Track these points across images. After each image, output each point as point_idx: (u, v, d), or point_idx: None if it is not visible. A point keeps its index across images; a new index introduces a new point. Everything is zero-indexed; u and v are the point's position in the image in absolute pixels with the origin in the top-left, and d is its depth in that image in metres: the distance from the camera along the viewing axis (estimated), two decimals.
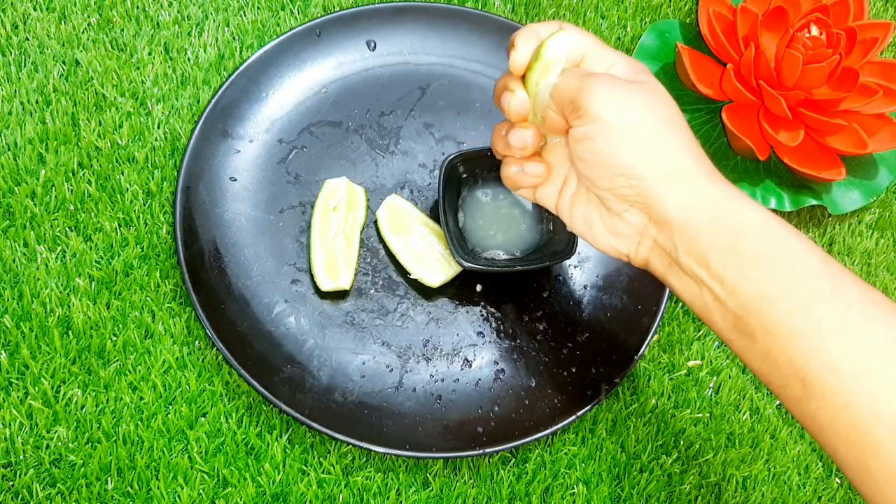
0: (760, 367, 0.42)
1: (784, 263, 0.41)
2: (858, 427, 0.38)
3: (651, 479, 0.60)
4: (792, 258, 0.41)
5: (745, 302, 0.41)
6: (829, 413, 0.39)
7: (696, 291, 0.43)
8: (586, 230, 0.49)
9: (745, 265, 0.41)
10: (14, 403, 0.56)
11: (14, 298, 0.58)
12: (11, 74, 0.65)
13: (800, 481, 0.61)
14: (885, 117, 0.67)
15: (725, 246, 0.42)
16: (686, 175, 0.43)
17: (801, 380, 0.40)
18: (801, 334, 0.39)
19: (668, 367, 0.63)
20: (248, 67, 0.65)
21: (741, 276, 0.41)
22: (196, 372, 0.58)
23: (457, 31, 0.69)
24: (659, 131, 0.44)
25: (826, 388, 0.39)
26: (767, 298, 0.40)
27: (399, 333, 0.61)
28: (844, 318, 0.39)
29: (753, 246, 0.41)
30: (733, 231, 0.42)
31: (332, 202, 0.62)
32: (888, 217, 0.71)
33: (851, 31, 0.66)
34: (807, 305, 0.40)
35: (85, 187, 0.62)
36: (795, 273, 0.40)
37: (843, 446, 0.39)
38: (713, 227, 0.42)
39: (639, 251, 0.46)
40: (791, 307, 0.40)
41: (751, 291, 0.41)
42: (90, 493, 0.55)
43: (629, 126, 0.44)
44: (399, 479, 0.58)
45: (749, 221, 0.42)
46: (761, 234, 0.42)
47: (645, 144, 0.44)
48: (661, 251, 0.45)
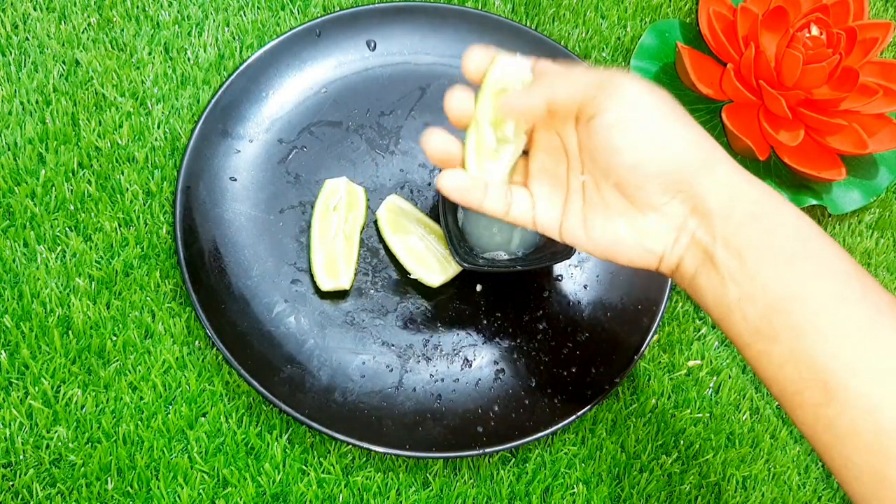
0: (778, 371, 0.41)
1: (816, 264, 0.41)
2: (880, 433, 0.37)
3: (651, 479, 0.60)
4: (824, 260, 0.41)
5: (774, 300, 0.40)
6: (850, 418, 0.38)
7: (722, 291, 0.42)
8: (611, 243, 0.45)
9: (779, 263, 0.41)
10: (14, 403, 0.56)
11: (14, 298, 0.58)
12: (11, 74, 0.65)
13: (800, 481, 0.61)
14: (885, 117, 0.67)
15: (762, 242, 0.41)
16: (721, 166, 0.42)
17: (822, 382, 0.39)
18: (828, 334, 0.39)
19: (668, 367, 0.63)
20: (248, 67, 0.65)
21: (774, 273, 0.41)
22: (196, 372, 0.58)
23: (457, 31, 0.69)
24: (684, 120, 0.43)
25: (849, 392, 0.38)
26: (797, 297, 0.40)
27: (399, 333, 0.61)
28: (873, 321, 0.39)
29: (788, 244, 0.41)
30: (771, 228, 0.41)
31: (332, 202, 0.62)
32: (888, 217, 0.71)
33: (851, 31, 0.66)
34: (836, 306, 0.39)
35: (85, 187, 0.62)
36: (827, 274, 0.40)
37: (859, 454, 0.38)
38: (753, 223, 0.41)
39: (674, 249, 0.44)
40: (818, 306, 0.39)
41: (781, 290, 0.40)
42: (90, 493, 0.55)
43: (663, 111, 0.42)
44: (399, 479, 0.58)
45: (785, 220, 0.42)
46: (796, 233, 0.41)
47: (683, 131, 0.42)
48: (698, 247, 0.43)
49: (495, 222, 0.63)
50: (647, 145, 0.42)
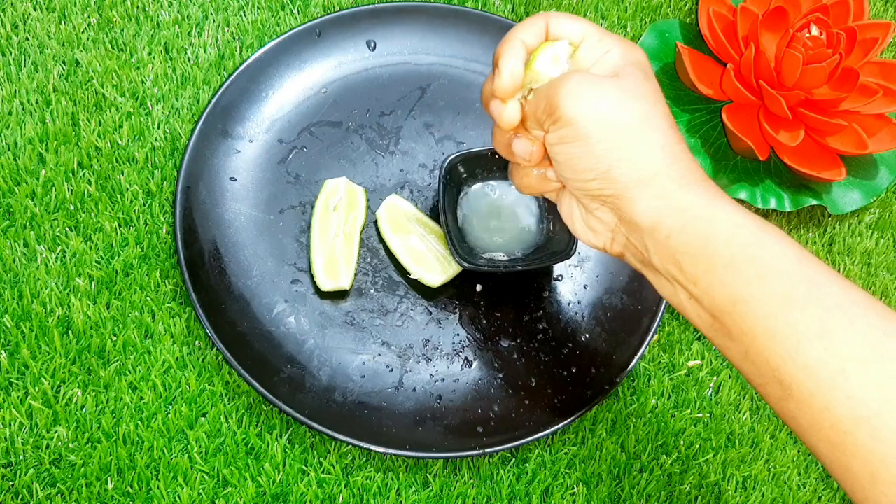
0: (741, 365, 0.42)
1: (757, 266, 0.40)
2: (838, 429, 0.38)
3: (651, 479, 0.60)
4: (766, 260, 0.40)
5: (719, 304, 0.41)
6: (809, 415, 0.39)
7: (671, 290, 0.43)
8: (568, 221, 0.49)
9: (718, 268, 0.41)
10: (14, 403, 0.56)
11: (14, 298, 0.58)
12: (11, 74, 0.65)
13: (800, 481, 0.61)
14: (885, 117, 0.67)
15: (696, 250, 0.41)
16: (657, 178, 0.43)
17: (778, 381, 0.39)
18: (778, 337, 0.39)
19: (668, 367, 0.63)
20: (248, 67, 0.65)
21: (714, 279, 0.41)
22: (196, 372, 0.58)
23: (457, 31, 0.69)
24: (633, 132, 0.43)
25: (804, 391, 0.39)
26: (742, 301, 0.40)
27: (399, 333, 0.61)
28: (822, 321, 0.39)
29: (725, 249, 0.41)
30: (704, 235, 0.41)
31: (332, 202, 0.62)
32: (888, 217, 0.71)
33: (851, 31, 0.66)
34: (782, 309, 0.39)
35: (85, 187, 0.62)
36: (769, 276, 0.40)
37: (823, 447, 0.39)
38: (683, 232, 0.42)
39: (613, 246, 0.47)
40: (766, 310, 0.39)
41: (724, 295, 0.41)
42: (90, 493, 0.55)
43: (601, 129, 0.43)
44: (399, 479, 0.58)
45: (721, 224, 0.41)
46: (733, 236, 0.41)
47: (617, 148, 0.43)
48: (634, 250, 0.45)
49: (495, 223, 0.63)
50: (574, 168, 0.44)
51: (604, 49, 0.46)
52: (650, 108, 0.44)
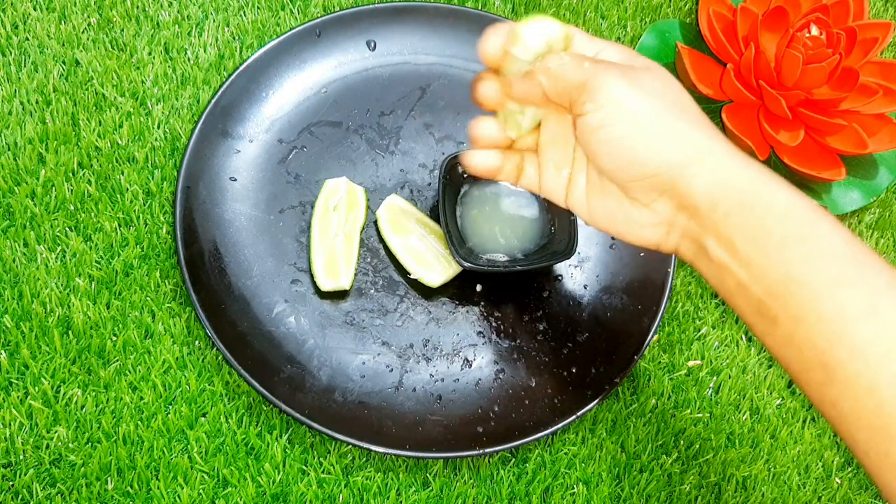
0: (782, 351, 0.41)
1: (809, 246, 0.40)
2: (881, 412, 0.38)
3: (651, 479, 0.60)
4: (817, 241, 0.40)
5: (769, 285, 0.41)
6: (851, 398, 0.38)
7: (720, 278, 0.43)
8: (610, 224, 0.47)
9: (771, 248, 0.40)
10: (14, 403, 0.56)
11: (14, 298, 0.58)
12: (11, 74, 0.65)
13: (800, 481, 0.61)
14: (885, 117, 0.67)
15: (751, 229, 0.41)
16: (712, 158, 0.42)
17: (823, 364, 0.39)
18: (826, 318, 0.39)
19: (668, 367, 0.63)
20: (248, 67, 0.65)
21: (766, 259, 0.41)
22: (196, 372, 0.58)
23: (457, 31, 0.69)
24: (677, 115, 0.43)
25: (849, 373, 0.38)
26: (792, 281, 0.40)
27: (399, 333, 0.61)
28: (870, 302, 0.39)
29: (779, 228, 0.41)
30: (759, 214, 0.41)
31: (332, 202, 0.62)
32: (888, 217, 0.71)
33: (851, 31, 0.66)
34: (832, 289, 0.39)
35: (85, 187, 0.62)
36: (821, 256, 0.40)
37: (863, 433, 0.39)
38: (740, 211, 0.41)
39: (668, 240, 0.45)
40: (816, 291, 0.39)
41: (776, 275, 0.40)
42: (90, 493, 0.55)
43: (648, 111, 0.42)
44: (399, 479, 0.58)
45: (775, 203, 0.41)
46: (787, 215, 0.41)
47: (663, 128, 0.42)
48: (690, 239, 0.44)
49: (496, 223, 0.63)
50: (625, 151, 0.42)
51: (596, 49, 0.46)
52: (685, 96, 0.44)
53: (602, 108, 0.42)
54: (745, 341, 0.65)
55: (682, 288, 0.66)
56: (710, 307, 0.65)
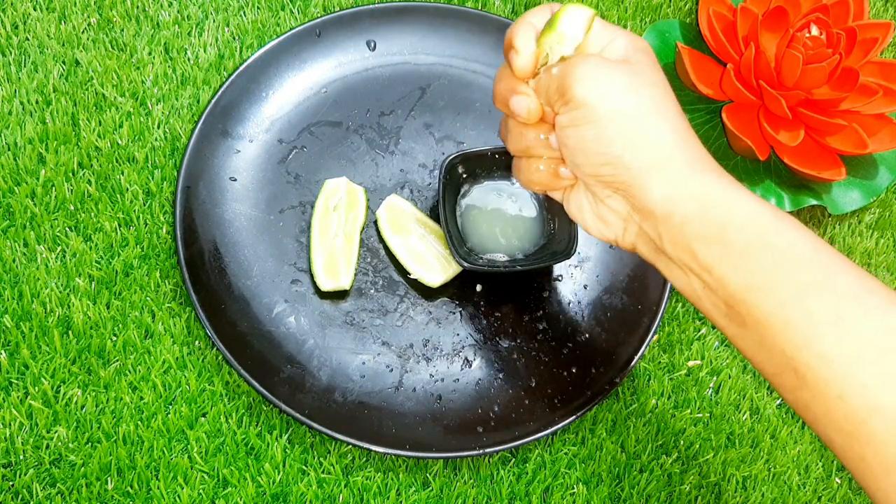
0: (754, 355, 0.41)
1: (773, 253, 0.40)
2: (852, 418, 0.38)
3: (651, 479, 0.60)
4: (782, 248, 0.40)
5: (734, 292, 0.41)
6: (823, 403, 0.39)
7: (684, 280, 0.43)
8: (577, 215, 0.48)
9: (733, 256, 0.40)
10: (14, 403, 0.56)
11: (14, 298, 0.58)
12: (11, 74, 0.65)
13: (800, 481, 0.61)
14: (885, 117, 0.67)
15: (711, 237, 0.41)
16: (671, 164, 0.42)
17: (793, 369, 0.39)
18: (793, 325, 0.39)
19: (668, 367, 0.63)
20: (248, 67, 0.65)
21: (729, 266, 0.41)
22: (196, 372, 0.58)
23: (457, 31, 0.69)
24: (645, 116, 0.43)
25: (819, 379, 0.38)
26: (757, 289, 0.40)
27: (399, 333, 0.61)
28: (837, 308, 0.39)
29: (740, 236, 0.41)
30: (719, 222, 0.41)
31: (332, 202, 0.62)
32: (888, 217, 0.71)
33: (851, 31, 0.66)
34: (798, 296, 0.39)
35: (85, 187, 0.62)
36: (785, 263, 0.40)
37: (837, 436, 0.39)
38: (698, 219, 0.41)
39: (625, 237, 0.46)
40: (781, 298, 0.39)
41: (739, 282, 0.40)
42: (90, 493, 0.55)
43: (614, 112, 0.43)
44: (399, 479, 0.58)
45: (736, 211, 0.41)
46: (749, 223, 0.41)
47: (630, 132, 0.43)
48: (646, 238, 0.44)
49: (496, 223, 0.63)
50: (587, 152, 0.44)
51: (609, 37, 0.46)
52: (662, 95, 0.44)
53: (572, 108, 0.43)
54: None
55: None
56: None
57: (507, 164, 0.63)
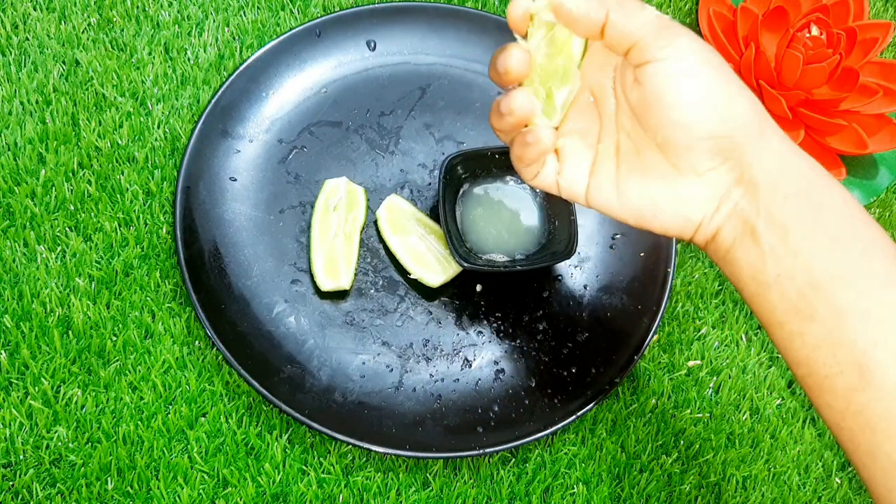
0: (811, 353, 0.39)
1: (862, 243, 0.39)
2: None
3: (651, 479, 0.60)
4: (870, 239, 0.39)
5: (816, 278, 0.39)
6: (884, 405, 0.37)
7: (761, 266, 0.40)
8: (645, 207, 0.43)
9: (825, 240, 0.39)
10: (14, 403, 0.56)
11: (14, 298, 0.58)
12: (11, 74, 0.65)
13: (800, 481, 0.61)
14: (885, 117, 0.67)
15: (808, 218, 0.40)
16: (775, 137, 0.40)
17: (859, 366, 0.38)
18: (873, 318, 0.38)
19: (668, 367, 0.63)
20: (248, 67, 0.65)
21: (818, 250, 0.39)
22: (196, 372, 0.59)
23: (457, 31, 0.69)
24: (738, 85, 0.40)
25: (887, 378, 0.37)
26: (841, 276, 0.39)
27: (399, 333, 0.61)
28: None
29: (835, 222, 0.40)
30: (818, 204, 0.40)
31: (332, 202, 0.62)
32: (888, 217, 0.71)
33: (851, 31, 0.66)
34: (882, 289, 0.38)
35: (85, 187, 0.62)
36: (873, 255, 0.39)
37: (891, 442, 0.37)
38: (800, 197, 0.40)
39: (714, 218, 0.42)
40: (864, 288, 0.38)
41: (825, 267, 0.39)
42: (90, 493, 0.55)
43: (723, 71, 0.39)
44: (399, 479, 0.58)
45: (833, 197, 0.40)
46: (844, 211, 0.40)
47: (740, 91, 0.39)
48: (739, 218, 0.41)
49: (495, 223, 0.63)
50: (702, 103, 0.39)
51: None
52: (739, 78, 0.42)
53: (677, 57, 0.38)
54: (744, 341, 0.65)
55: (682, 288, 0.66)
56: (710, 307, 0.65)
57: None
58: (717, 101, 0.39)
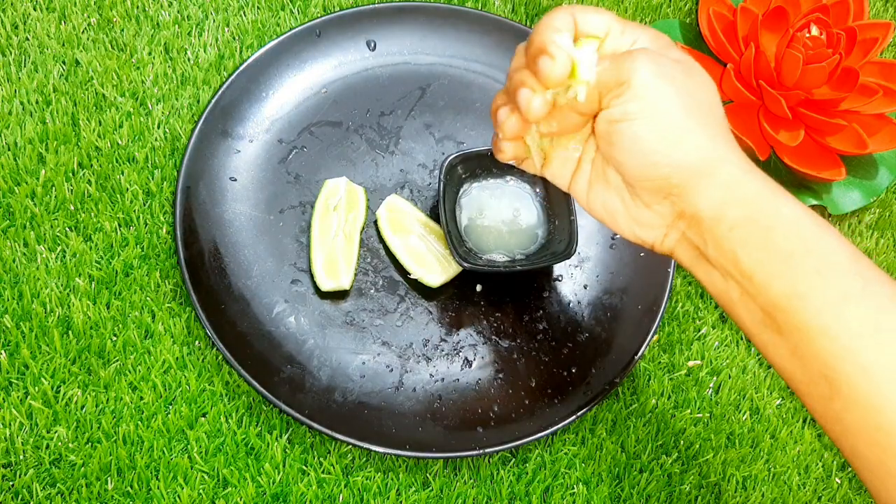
0: (785, 363, 0.41)
1: (815, 260, 0.40)
2: (885, 429, 0.37)
3: (651, 479, 0.60)
4: (823, 255, 0.40)
5: (774, 299, 0.40)
6: (856, 414, 0.38)
7: (722, 286, 0.42)
8: (606, 216, 0.46)
9: (777, 262, 0.40)
10: (14, 403, 0.56)
11: (14, 298, 0.58)
12: (11, 74, 0.65)
13: (800, 481, 0.61)
14: (885, 117, 0.67)
15: (757, 243, 0.40)
16: (724, 167, 0.41)
17: (828, 379, 0.39)
18: (832, 334, 0.38)
19: (668, 367, 0.63)
20: (248, 67, 0.65)
21: (772, 272, 0.40)
22: (196, 372, 0.58)
23: (457, 31, 0.69)
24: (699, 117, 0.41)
25: (854, 390, 0.38)
26: (797, 296, 0.39)
27: (399, 333, 0.61)
28: (876, 319, 0.38)
29: (785, 243, 0.40)
30: (766, 227, 0.40)
31: (332, 202, 0.62)
32: (888, 217, 0.71)
33: (851, 31, 0.66)
34: (839, 304, 0.39)
35: (85, 187, 0.62)
36: (826, 271, 0.39)
37: (866, 449, 0.38)
38: (746, 224, 0.41)
39: (665, 242, 0.44)
40: (821, 306, 0.39)
41: (781, 288, 0.40)
42: (90, 493, 0.55)
43: (671, 110, 0.41)
44: (399, 479, 0.58)
45: (782, 217, 0.41)
46: (794, 230, 0.40)
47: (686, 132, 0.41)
48: (689, 244, 0.43)
49: (495, 223, 0.63)
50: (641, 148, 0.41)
51: (631, 39, 0.44)
52: (711, 94, 0.43)
53: (628, 100, 0.41)
54: (744, 341, 0.65)
55: (682, 288, 0.66)
56: (710, 307, 0.65)
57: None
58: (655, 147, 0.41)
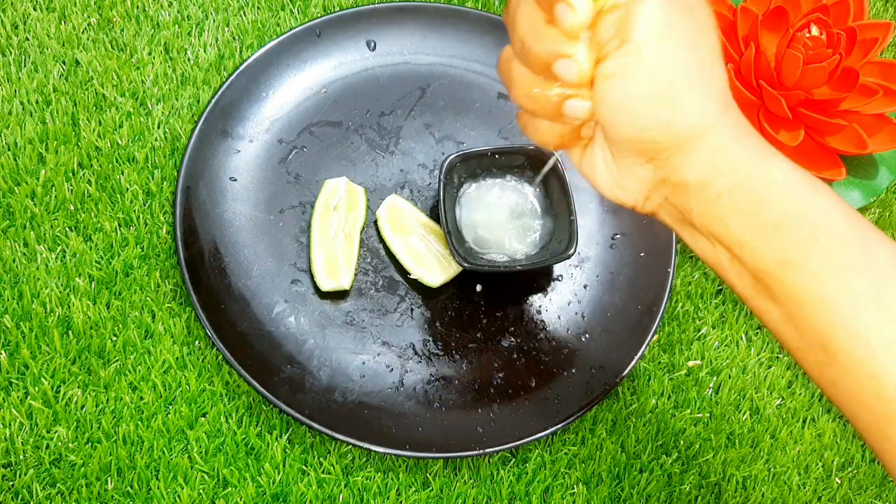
0: (779, 328, 0.40)
1: (809, 227, 0.38)
2: (883, 397, 0.37)
3: (651, 479, 0.60)
4: (817, 221, 0.38)
5: (766, 266, 0.39)
6: (853, 381, 0.38)
7: (711, 251, 0.41)
8: (590, 175, 0.43)
9: (768, 229, 0.38)
10: (14, 403, 0.56)
11: (14, 298, 0.58)
12: (11, 74, 0.65)
13: (800, 481, 0.61)
14: (885, 117, 0.67)
15: (747, 210, 0.39)
16: (715, 132, 0.39)
17: (823, 346, 0.38)
18: (829, 302, 0.38)
19: (668, 367, 0.63)
20: (248, 67, 0.65)
21: (763, 240, 0.39)
22: (196, 372, 0.58)
23: (457, 31, 0.69)
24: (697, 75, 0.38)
25: (852, 358, 0.37)
26: (790, 264, 0.38)
27: (399, 333, 0.61)
28: (877, 287, 0.37)
29: (777, 208, 0.38)
30: (756, 193, 0.39)
31: (332, 202, 0.62)
32: (888, 217, 0.71)
33: (851, 31, 0.66)
34: (834, 273, 0.38)
35: (85, 187, 0.62)
36: (821, 237, 0.38)
37: (864, 414, 0.38)
38: (734, 191, 0.39)
39: (645, 205, 0.42)
40: (817, 274, 0.38)
41: (773, 256, 0.38)
42: (90, 493, 0.55)
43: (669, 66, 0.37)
44: (399, 479, 0.58)
45: (774, 181, 0.39)
46: (786, 194, 0.39)
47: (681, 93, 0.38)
48: (673, 209, 0.41)
49: (496, 223, 0.63)
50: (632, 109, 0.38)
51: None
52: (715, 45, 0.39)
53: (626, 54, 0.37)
54: (744, 341, 0.65)
55: (682, 288, 0.66)
56: (710, 307, 0.65)
57: (507, 164, 0.63)
58: (646, 110, 0.38)
